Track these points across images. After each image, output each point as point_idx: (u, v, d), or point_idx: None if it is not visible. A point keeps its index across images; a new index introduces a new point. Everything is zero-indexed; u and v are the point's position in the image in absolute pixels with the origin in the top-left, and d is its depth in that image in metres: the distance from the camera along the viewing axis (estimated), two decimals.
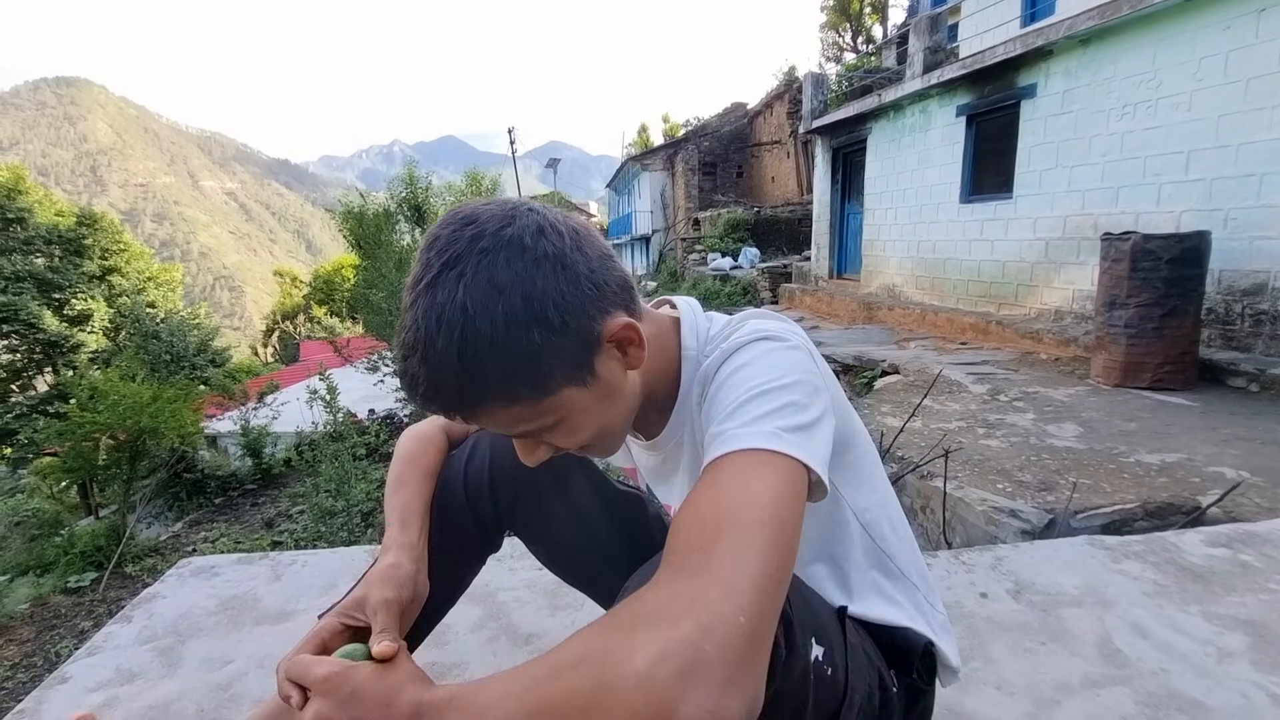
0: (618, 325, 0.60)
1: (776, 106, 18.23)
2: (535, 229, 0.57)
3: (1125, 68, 5.23)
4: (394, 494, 0.83)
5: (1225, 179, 4.56)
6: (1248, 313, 4.52)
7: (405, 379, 0.56)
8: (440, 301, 0.53)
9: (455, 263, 0.54)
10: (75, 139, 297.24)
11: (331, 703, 0.50)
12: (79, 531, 8.65)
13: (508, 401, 0.56)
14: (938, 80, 7.13)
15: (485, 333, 0.53)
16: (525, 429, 0.60)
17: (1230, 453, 3.09)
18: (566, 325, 0.56)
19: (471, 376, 0.54)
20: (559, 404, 0.58)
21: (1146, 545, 1.51)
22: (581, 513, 0.89)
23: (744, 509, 0.47)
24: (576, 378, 0.58)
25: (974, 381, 4.77)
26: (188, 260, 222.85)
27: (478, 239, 0.55)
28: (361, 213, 11.22)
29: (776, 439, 0.52)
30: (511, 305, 0.53)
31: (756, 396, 0.55)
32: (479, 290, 0.53)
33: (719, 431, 0.54)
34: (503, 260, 0.54)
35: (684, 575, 0.44)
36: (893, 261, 8.69)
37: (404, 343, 0.55)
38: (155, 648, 1.22)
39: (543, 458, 0.66)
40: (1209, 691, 1.04)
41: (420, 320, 0.54)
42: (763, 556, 0.45)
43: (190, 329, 16.78)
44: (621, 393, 0.65)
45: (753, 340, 0.62)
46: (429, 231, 0.59)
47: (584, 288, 0.57)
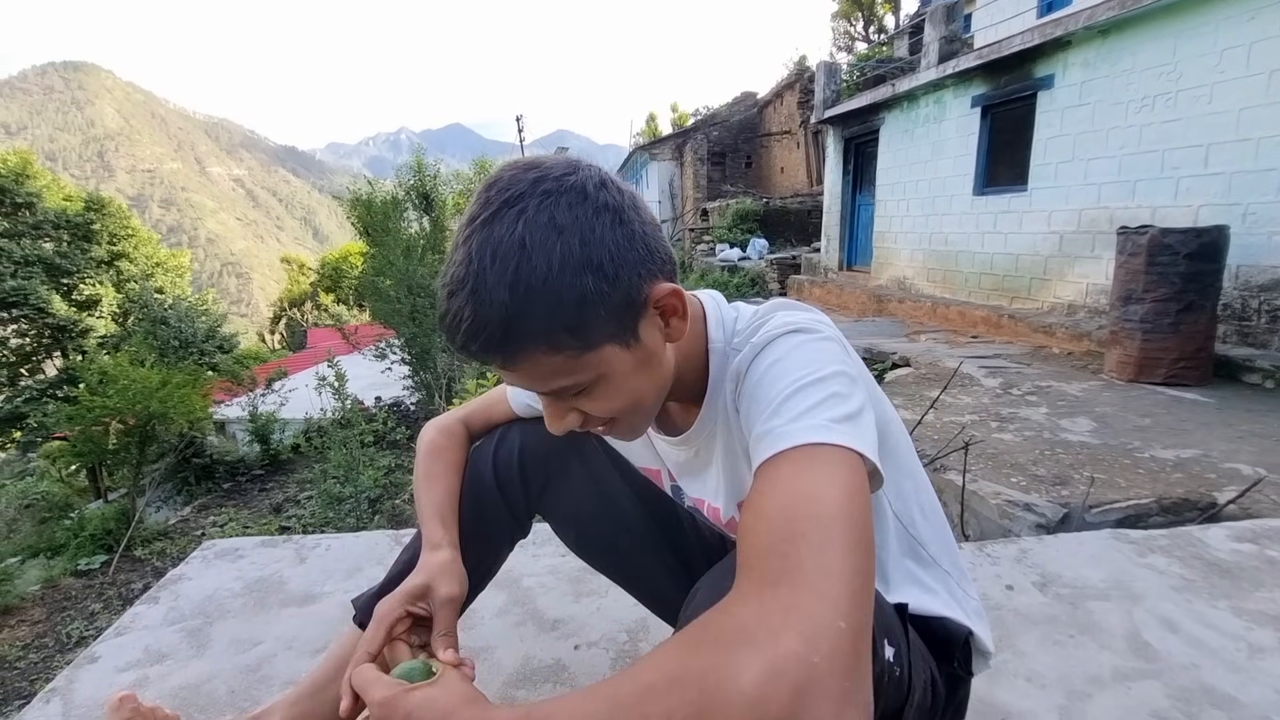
0: (665, 291, 0.60)
1: (787, 96, 18.08)
2: (598, 181, 0.57)
3: (1145, 59, 5.16)
4: (427, 489, 0.84)
5: (1245, 173, 4.50)
6: (1265, 309, 4.48)
7: (447, 319, 0.55)
8: (498, 235, 0.53)
9: (516, 201, 0.54)
10: (83, 124, 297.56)
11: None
12: (88, 515, 8.73)
13: (550, 349, 0.55)
14: (953, 70, 7.06)
15: (541, 270, 0.52)
16: (561, 384, 0.59)
17: (1246, 449, 3.07)
18: (618, 278, 0.56)
19: (520, 315, 0.53)
20: (600, 361, 0.58)
21: (1171, 540, 1.50)
22: (611, 497, 0.89)
23: (815, 507, 0.45)
24: (620, 336, 0.58)
25: (986, 375, 4.74)
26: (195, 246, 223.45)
27: (541, 181, 0.55)
28: (370, 200, 11.21)
29: (828, 430, 0.50)
30: (569, 247, 0.53)
31: (798, 391, 0.54)
32: (538, 229, 0.53)
33: (766, 430, 0.53)
34: (564, 204, 0.54)
35: (768, 584, 0.42)
36: (904, 254, 8.63)
37: (452, 278, 0.54)
38: (183, 629, 1.23)
39: (571, 425, 0.65)
40: (1241, 686, 1.03)
41: (474, 254, 0.53)
42: (847, 554, 0.43)
43: (198, 315, 16.84)
44: (660, 364, 0.64)
45: (784, 334, 0.61)
46: (487, 178, 0.58)
47: (637, 246, 0.57)
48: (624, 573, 0.97)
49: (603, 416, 0.64)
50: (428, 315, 10.08)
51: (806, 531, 0.44)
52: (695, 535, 0.91)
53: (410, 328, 10.11)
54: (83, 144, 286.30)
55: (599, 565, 0.98)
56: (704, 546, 0.90)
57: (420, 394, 10.72)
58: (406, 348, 10.52)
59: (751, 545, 0.46)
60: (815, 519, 0.45)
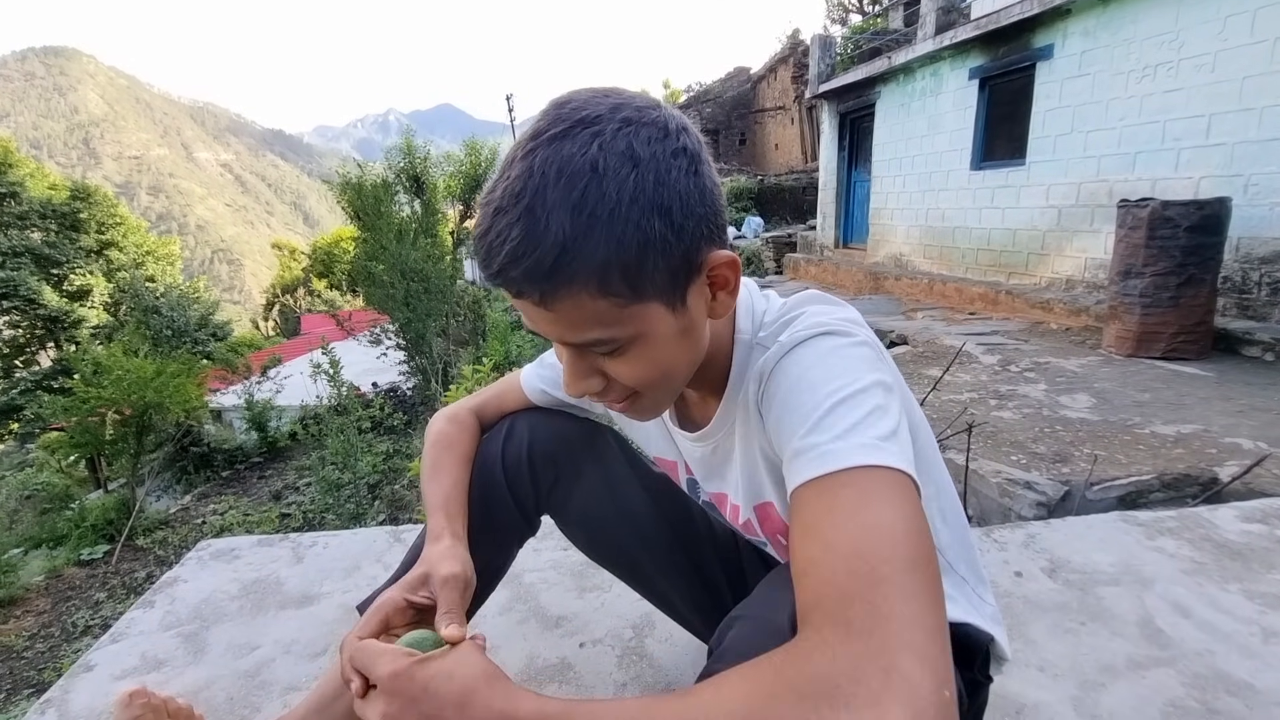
0: (722, 259, 0.55)
1: (781, 70, 17.83)
2: (679, 124, 0.53)
3: (1146, 27, 5.06)
4: (433, 479, 0.79)
5: (1248, 143, 4.45)
6: (1265, 281, 4.45)
7: (489, 236, 0.49)
8: (568, 153, 0.48)
9: (593, 122, 0.49)
10: (66, 110, 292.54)
11: (400, 703, 0.46)
12: (89, 505, 8.73)
13: (598, 289, 0.50)
14: (950, 42, 6.93)
15: (610, 199, 0.47)
16: (596, 336, 0.54)
17: (1246, 423, 3.06)
18: (684, 230, 0.51)
19: (576, 242, 0.47)
20: (643, 317, 0.53)
21: (1180, 521, 1.49)
22: (622, 495, 0.86)
23: (895, 547, 0.42)
24: (668, 296, 0.53)
25: (984, 352, 4.73)
26: (185, 234, 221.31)
27: (621, 109, 0.50)
28: (360, 184, 11.07)
29: (878, 451, 0.47)
30: (643, 181, 0.48)
31: (840, 404, 0.50)
32: (615, 155, 0.48)
33: (809, 446, 0.49)
34: (645, 136, 0.50)
35: (856, 634, 0.38)
36: (900, 230, 8.57)
37: (504, 193, 0.49)
38: (180, 634, 1.21)
39: (591, 389, 0.60)
40: (1256, 673, 1.02)
41: (537, 168, 0.48)
42: (933, 605, 0.40)
43: (190, 303, 16.72)
44: (698, 338, 0.60)
45: (815, 336, 0.57)
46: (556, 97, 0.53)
47: (707, 200, 0.53)
48: (634, 574, 0.95)
49: (628, 384, 0.59)
50: (422, 300, 10.02)
51: (891, 576, 0.40)
52: (709, 534, 0.88)
53: (405, 313, 10.04)
54: (67, 131, 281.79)
55: (607, 565, 0.96)
56: (716, 546, 0.88)
57: (416, 379, 10.70)
58: (401, 333, 10.47)
59: (827, 585, 0.42)
60: (898, 561, 0.41)
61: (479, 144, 15.89)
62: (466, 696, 0.45)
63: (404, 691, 0.46)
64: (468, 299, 11.35)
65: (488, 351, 8.80)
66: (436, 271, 10.27)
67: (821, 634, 0.40)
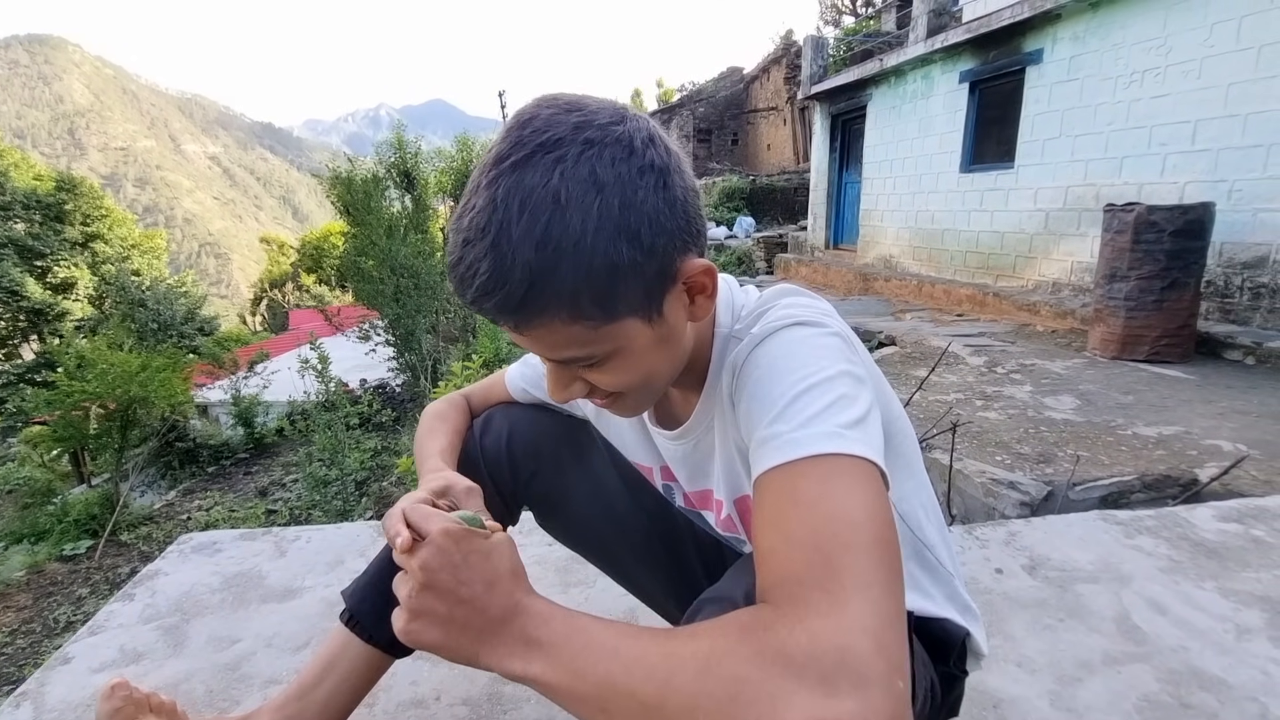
0: (698, 267, 0.55)
1: (773, 71, 17.87)
2: (646, 135, 0.52)
3: (1135, 33, 5.12)
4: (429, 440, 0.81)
5: (1232, 149, 4.51)
6: (1247, 285, 4.52)
7: (460, 269, 0.50)
8: (530, 184, 0.47)
9: (554, 146, 0.48)
10: (51, 100, 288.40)
11: (442, 559, 0.48)
12: (72, 500, 8.63)
13: (570, 317, 0.50)
14: (941, 45, 6.98)
15: (574, 230, 0.47)
16: (573, 355, 0.55)
17: (1227, 426, 3.10)
18: (654, 249, 0.51)
19: (543, 277, 0.48)
20: (619, 334, 0.54)
21: (1158, 520, 1.51)
22: (601, 487, 0.87)
23: (848, 530, 0.42)
24: (644, 311, 0.54)
25: (971, 353, 4.76)
26: (172, 227, 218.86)
27: (584, 128, 0.49)
28: (350, 178, 10.99)
29: (840, 439, 0.47)
30: (608, 208, 0.48)
31: (804, 392, 0.50)
32: (578, 183, 0.47)
33: (771, 435, 0.50)
34: (608, 157, 0.49)
35: (811, 615, 0.39)
36: (890, 232, 8.62)
37: (470, 225, 0.49)
38: (160, 626, 1.20)
39: (575, 395, 0.61)
40: (1230, 669, 1.03)
41: (500, 201, 0.47)
42: (890, 592, 0.41)
43: (177, 297, 16.55)
44: (678, 342, 0.60)
45: (784, 326, 0.57)
46: (520, 111, 0.52)
47: (678, 214, 0.52)
48: (613, 565, 0.96)
49: (610, 390, 0.60)
50: (411, 296, 9.97)
51: (850, 564, 0.41)
52: (688, 528, 0.89)
53: (394, 309, 10.00)
54: (52, 121, 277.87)
55: (588, 558, 0.97)
56: (696, 539, 0.88)
57: (405, 375, 10.64)
58: (390, 329, 10.41)
59: (785, 572, 0.43)
60: (856, 548, 0.42)
61: (471, 140, 15.81)
62: (495, 578, 0.48)
63: (449, 551, 0.48)
64: None
65: (477, 348, 8.77)
66: (426, 267, 10.22)
67: (780, 610, 0.40)
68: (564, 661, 0.43)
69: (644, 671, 0.40)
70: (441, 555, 0.48)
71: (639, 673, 0.40)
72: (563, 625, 0.45)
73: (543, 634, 0.45)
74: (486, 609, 0.47)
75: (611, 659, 0.41)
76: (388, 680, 0.87)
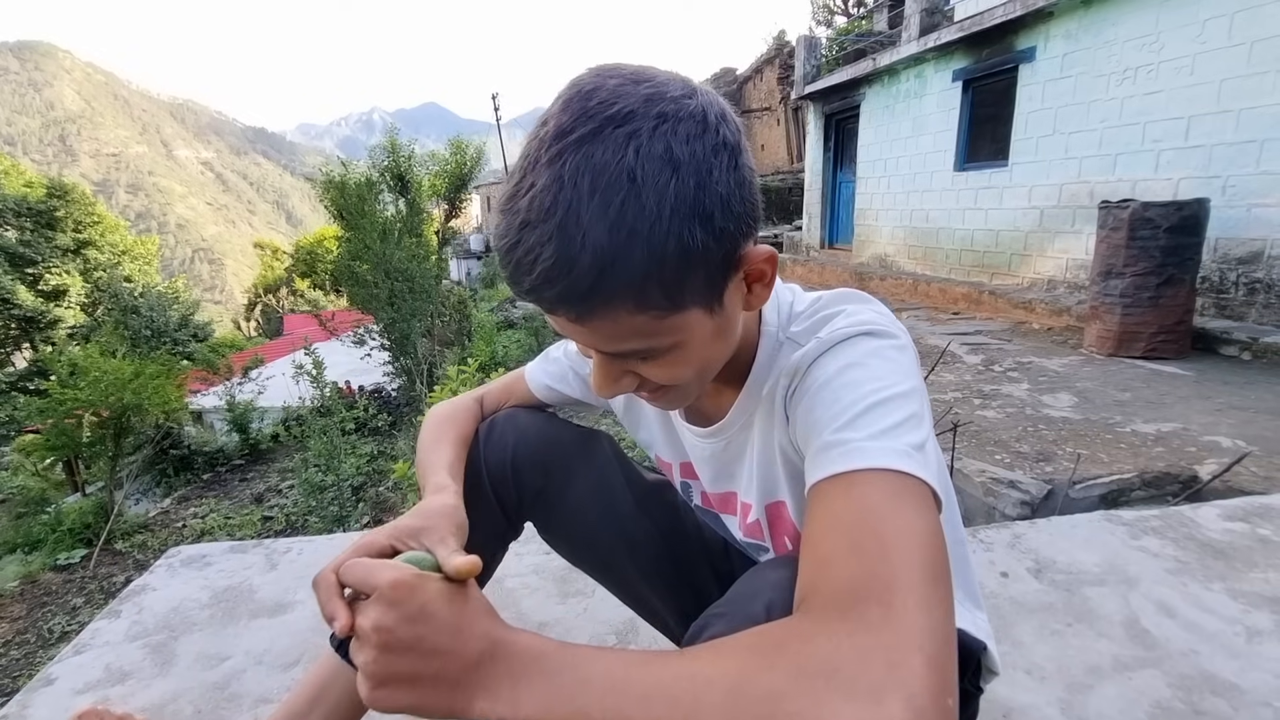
0: (762, 254, 0.52)
1: (766, 72, 17.90)
2: (719, 111, 0.48)
3: (1127, 30, 5.12)
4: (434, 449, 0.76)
5: (1225, 145, 4.51)
6: (1242, 281, 4.52)
7: (517, 253, 0.45)
8: (601, 161, 0.43)
9: (626, 120, 0.44)
10: (41, 106, 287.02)
11: (396, 615, 0.42)
12: (66, 509, 8.55)
13: (636, 306, 0.47)
14: (934, 44, 6.98)
15: (650, 212, 0.43)
16: (634, 347, 0.51)
17: (1225, 422, 3.10)
18: (724, 233, 0.47)
19: (614, 262, 0.43)
20: (682, 325, 0.50)
21: (1164, 520, 1.49)
22: (610, 502, 0.83)
23: (914, 552, 0.41)
24: (708, 300, 0.50)
25: (968, 352, 4.76)
26: (164, 233, 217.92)
27: (655, 100, 0.45)
28: (343, 182, 10.95)
29: (908, 459, 0.45)
30: (684, 188, 0.44)
31: (878, 404, 0.49)
32: (653, 160, 0.43)
33: (839, 440, 0.48)
34: (683, 134, 0.45)
35: (864, 629, 0.37)
36: (885, 231, 8.62)
37: (532, 205, 0.44)
38: (146, 644, 1.16)
39: (625, 389, 0.58)
40: (1241, 672, 1.01)
41: (567, 178, 0.43)
42: (947, 618, 0.39)
43: (170, 303, 16.47)
44: (733, 334, 0.57)
45: (857, 334, 0.55)
46: (577, 80, 0.48)
47: (747, 196, 0.49)
48: (618, 582, 0.92)
49: (661, 383, 0.57)
50: (406, 300, 9.93)
51: (912, 584, 0.39)
52: (699, 543, 0.86)
53: (389, 313, 9.95)
54: (42, 127, 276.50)
55: (588, 569, 0.93)
56: (708, 554, 0.86)
57: (401, 380, 10.60)
58: (385, 333, 10.37)
59: (844, 581, 0.40)
60: (919, 570, 0.40)
61: (464, 143, 15.78)
62: (461, 621, 0.43)
63: (403, 603, 0.43)
64: (453, 299, 11.27)
65: (473, 352, 8.75)
66: (421, 271, 10.19)
67: (829, 621, 0.38)
68: (563, 699, 0.40)
69: (665, 701, 0.37)
70: (395, 610, 0.42)
71: (659, 703, 0.37)
72: (556, 659, 0.42)
73: (532, 670, 0.41)
74: (460, 654, 0.42)
75: (622, 691, 0.38)
76: None
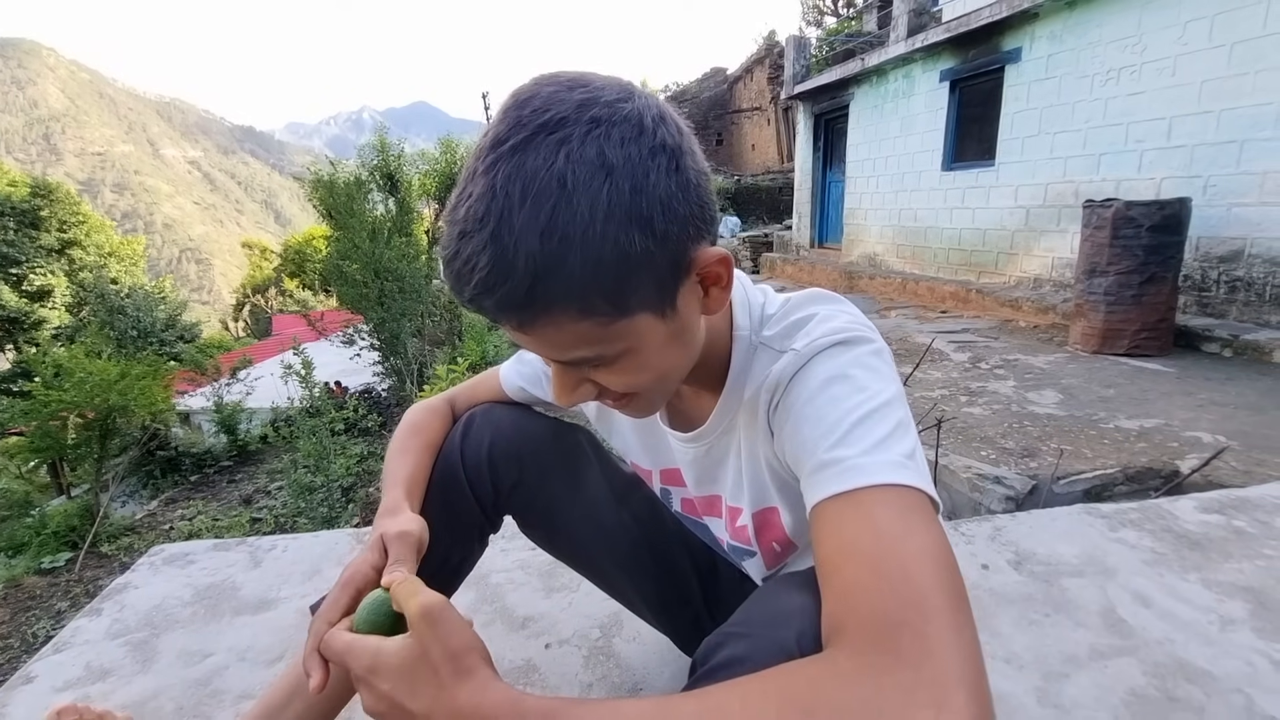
0: (714, 256, 0.51)
1: (757, 72, 17.95)
2: (656, 114, 0.48)
3: (1111, 31, 5.18)
4: (397, 459, 0.77)
5: (1206, 145, 4.57)
6: (1223, 279, 4.58)
7: (456, 264, 0.46)
8: (532, 168, 0.43)
9: (557, 126, 0.44)
10: (25, 104, 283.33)
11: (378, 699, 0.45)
12: (51, 511, 8.45)
13: (579, 313, 0.47)
14: (922, 44, 7.03)
15: (582, 217, 0.43)
16: (581, 355, 0.51)
17: (1206, 417, 3.14)
18: (667, 237, 0.47)
19: (549, 268, 0.43)
20: (631, 331, 0.50)
21: (1142, 513, 1.51)
22: (587, 495, 0.84)
23: (938, 573, 0.41)
24: (657, 305, 0.50)
25: (955, 350, 4.80)
26: (151, 232, 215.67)
27: (588, 105, 0.45)
28: (332, 181, 10.88)
29: (905, 470, 0.46)
30: (618, 193, 0.44)
31: (865, 418, 0.49)
32: (584, 165, 0.43)
33: (834, 459, 0.48)
34: (617, 137, 0.44)
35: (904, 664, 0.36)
36: (874, 230, 8.67)
37: (466, 215, 0.44)
38: (128, 642, 1.16)
39: (584, 398, 0.58)
40: (1214, 660, 1.03)
41: (499, 187, 0.43)
42: (975, 638, 0.39)
43: (157, 303, 16.30)
44: (693, 337, 0.57)
45: (836, 344, 0.55)
46: (517, 90, 0.48)
47: (691, 199, 0.48)
48: (598, 574, 0.93)
49: (620, 390, 0.57)
50: (396, 300, 9.89)
51: (942, 606, 0.39)
52: (679, 534, 0.87)
53: (378, 312, 9.91)
54: (26, 126, 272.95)
55: (572, 566, 0.94)
56: (688, 545, 0.86)
57: (391, 380, 10.55)
58: (375, 333, 10.32)
59: (874, 609, 0.40)
60: (945, 592, 0.40)
61: (455, 142, 15.71)
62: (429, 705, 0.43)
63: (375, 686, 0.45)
64: (443, 298, 11.23)
65: (464, 351, 8.71)
66: (411, 271, 10.14)
67: (866, 658, 0.38)
68: None
69: None
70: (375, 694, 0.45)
71: None
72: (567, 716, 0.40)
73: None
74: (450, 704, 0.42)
75: None
76: None
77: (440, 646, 0.44)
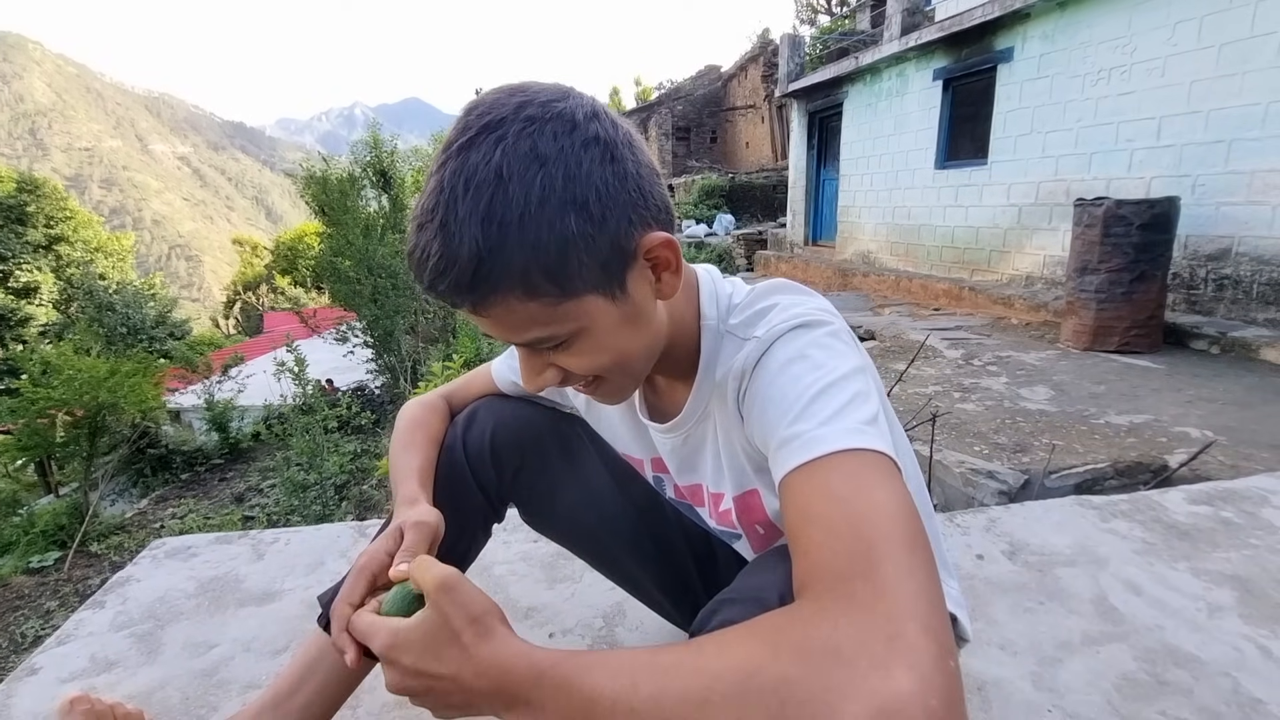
0: (657, 240, 0.55)
1: (751, 69, 17.97)
2: (589, 111, 0.52)
3: (1101, 31, 5.23)
4: (405, 453, 0.79)
5: (1195, 145, 4.62)
6: (1211, 277, 4.64)
7: (415, 253, 0.51)
8: (473, 163, 0.48)
9: (496, 126, 0.49)
10: (10, 99, 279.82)
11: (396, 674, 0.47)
12: (39, 510, 8.39)
13: (525, 294, 0.51)
14: (915, 43, 7.07)
15: (517, 203, 0.48)
16: (537, 335, 0.55)
17: (1194, 413, 3.19)
18: (605, 220, 0.51)
19: (491, 252, 0.48)
20: (581, 312, 0.53)
21: (1132, 504, 1.54)
22: (587, 482, 0.86)
23: (885, 523, 0.43)
24: (605, 287, 0.53)
25: (948, 347, 4.83)
26: (140, 229, 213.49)
27: (525, 106, 0.50)
28: (325, 178, 10.83)
29: (861, 435, 0.48)
30: (551, 179, 0.49)
31: (821, 392, 0.51)
32: (518, 157, 0.48)
33: (793, 435, 0.50)
34: (549, 132, 0.49)
35: (857, 606, 0.38)
36: (868, 228, 8.71)
37: (422, 210, 0.50)
38: (132, 634, 1.16)
39: (549, 382, 0.61)
40: (1203, 645, 1.06)
41: (446, 182, 0.49)
42: (932, 580, 0.40)
43: (146, 300, 16.17)
44: (649, 322, 0.60)
45: (794, 328, 0.57)
46: (470, 101, 0.54)
47: (629, 187, 0.52)
48: (600, 559, 0.95)
49: (584, 374, 0.60)
50: (389, 297, 9.86)
51: (891, 553, 0.41)
52: (676, 520, 0.88)
53: (372, 310, 9.88)
54: (12, 120, 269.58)
55: (575, 553, 0.96)
56: (685, 530, 0.88)
57: (384, 377, 10.52)
58: (369, 330, 10.29)
59: (827, 564, 0.42)
60: (895, 539, 0.42)
61: None
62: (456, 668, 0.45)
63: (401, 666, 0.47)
64: None
65: (458, 348, 8.70)
66: (405, 267, 10.11)
67: (822, 603, 0.40)
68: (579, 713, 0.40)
69: (674, 698, 0.37)
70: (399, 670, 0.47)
71: (669, 701, 0.37)
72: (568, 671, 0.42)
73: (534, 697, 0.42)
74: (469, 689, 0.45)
75: (630, 695, 0.38)
76: (371, 680, 0.85)
77: (461, 612, 0.46)
